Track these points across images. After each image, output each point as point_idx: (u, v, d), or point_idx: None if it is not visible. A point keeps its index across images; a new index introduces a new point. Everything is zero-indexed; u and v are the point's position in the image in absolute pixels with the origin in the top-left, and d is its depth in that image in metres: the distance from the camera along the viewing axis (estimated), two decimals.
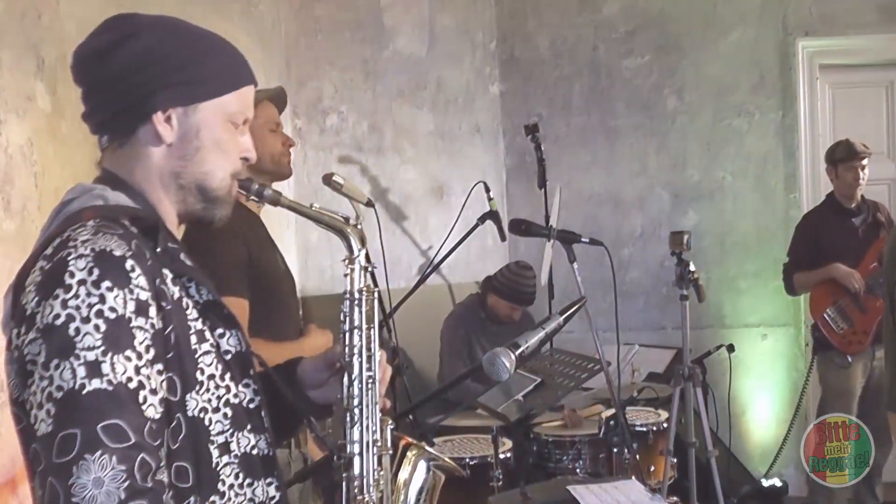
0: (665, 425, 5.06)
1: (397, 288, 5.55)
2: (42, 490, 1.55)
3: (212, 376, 1.78)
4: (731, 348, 6.10)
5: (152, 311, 1.65)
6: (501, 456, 4.40)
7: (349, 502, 1.99)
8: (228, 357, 1.84)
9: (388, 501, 2.06)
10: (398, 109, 6.56)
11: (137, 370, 1.60)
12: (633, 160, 7.10)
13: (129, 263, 1.63)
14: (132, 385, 1.58)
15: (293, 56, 6.19)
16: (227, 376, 1.81)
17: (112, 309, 1.59)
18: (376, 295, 2.09)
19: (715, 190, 7.00)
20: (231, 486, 1.79)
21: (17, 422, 1.67)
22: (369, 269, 2.09)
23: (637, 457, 4.63)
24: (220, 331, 1.84)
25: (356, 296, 2.05)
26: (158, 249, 1.76)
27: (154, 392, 1.63)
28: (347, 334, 2.04)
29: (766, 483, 6.40)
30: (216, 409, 1.77)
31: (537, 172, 6.30)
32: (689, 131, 7.01)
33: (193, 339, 1.75)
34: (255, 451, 1.84)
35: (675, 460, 4.97)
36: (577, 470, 4.87)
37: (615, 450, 4.68)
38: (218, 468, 1.76)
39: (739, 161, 6.97)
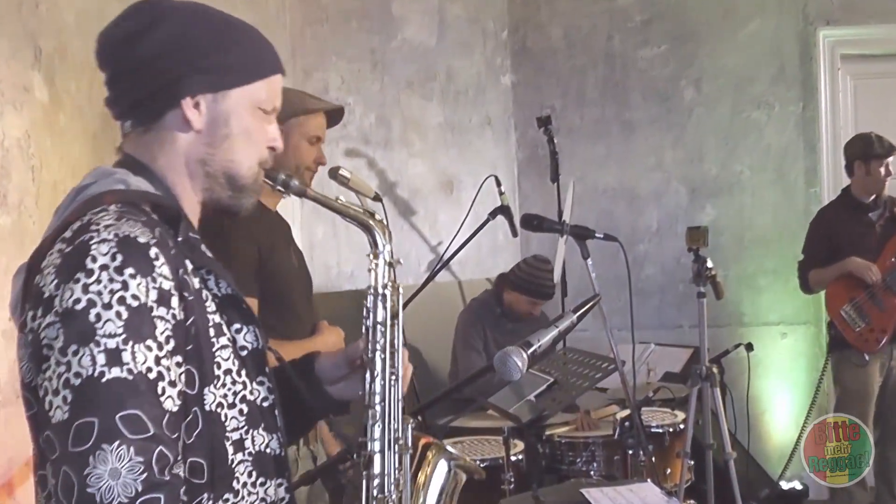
0: (682, 427, 5.05)
1: (406, 285, 5.48)
2: (55, 479, 1.53)
3: (228, 371, 1.78)
4: (749, 347, 6.07)
5: (174, 301, 1.65)
6: (513, 458, 4.39)
7: (369, 501, 1.99)
8: (244, 353, 1.84)
9: (408, 501, 2.06)
10: (406, 101, 6.55)
11: (157, 360, 1.60)
12: (648, 153, 7.08)
13: (153, 251, 1.63)
14: (152, 375, 1.58)
15: (299, 46, 6.18)
16: (244, 373, 1.82)
17: (135, 297, 1.58)
18: (401, 291, 2.11)
19: (733, 184, 6.99)
20: (245, 485, 1.79)
21: (28, 407, 1.67)
22: (394, 264, 2.10)
23: (653, 459, 4.61)
24: (237, 326, 1.84)
25: (380, 291, 2.07)
26: (180, 238, 1.76)
27: (173, 384, 1.63)
28: (371, 330, 2.05)
29: (785, 486, 6.38)
30: (232, 405, 1.78)
31: (550, 166, 6.29)
32: (707, 124, 7.00)
33: (212, 332, 1.76)
34: (268, 450, 1.84)
35: (692, 462, 4.95)
36: (591, 472, 4.85)
37: (630, 452, 4.66)
38: (233, 465, 1.77)
39: (758, 154, 6.95)
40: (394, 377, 2.03)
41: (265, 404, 1.86)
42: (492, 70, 7.05)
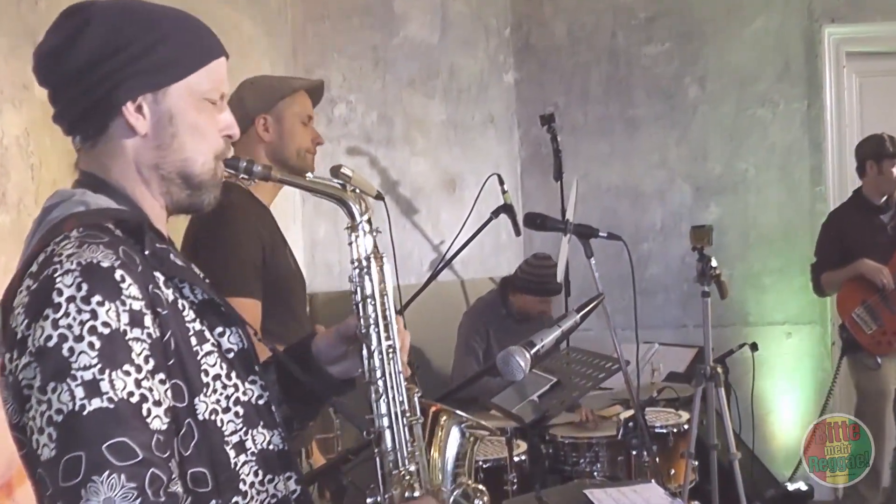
0: (686, 427, 5.05)
1: (408, 284, 5.53)
2: None
3: (217, 376, 1.77)
4: (754, 347, 6.06)
5: (147, 320, 1.63)
6: (516, 458, 4.40)
7: (385, 478, 1.97)
8: (231, 355, 1.83)
9: (425, 471, 2.04)
10: (409, 99, 6.54)
11: (138, 383, 1.58)
12: (652, 151, 7.08)
13: (118, 274, 1.61)
14: (134, 399, 1.57)
15: (300, 43, 6.17)
16: (233, 375, 1.81)
17: (105, 324, 1.57)
18: (384, 260, 2.06)
19: (738, 182, 6.98)
20: (252, 485, 1.79)
21: (20, 447, 1.66)
22: (374, 234, 2.05)
23: (657, 459, 4.60)
24: (219, 329, 1.83)
25: (363, 263, 2.02)
26: (147, 252, 1.73)
27: (158, 403, 1.61)
28: (360, 305, 2.01)
29: (791, 487, 6.38)
30: (227, 409, 1.77)
31: (553, 164, 6.29)
32: (712, 122, 7.00)
33: (193, 340, 1.74)
34: (270, 447, 1.84)
35: (697, 463, 4.95)
36: (595, 473, 4.86)
37: (634, 452, 4.65)
38: (237, 468, 1.76)
39: (763, 153, 6.94)
40: (391, 349, 1.99)
41: (260, 402, 1.86)
42: (495, 67, 7.05)
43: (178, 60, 1.80)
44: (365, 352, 1.99)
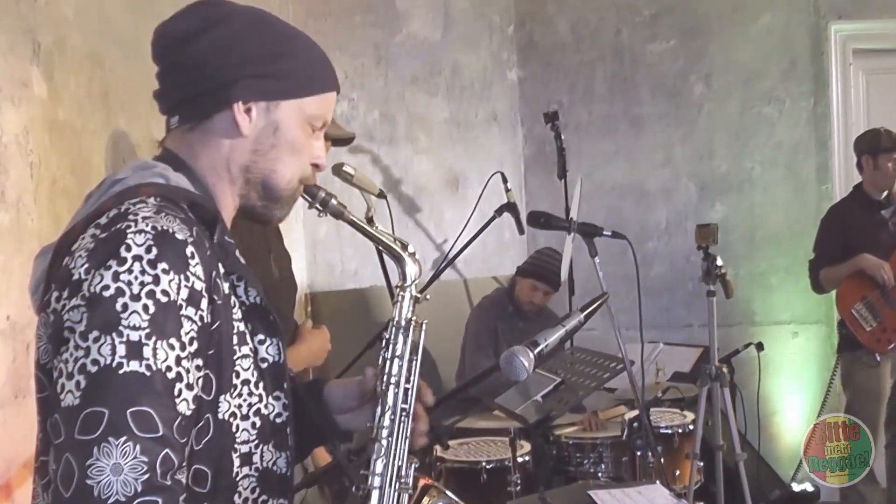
0: (691, 427, 5.05)
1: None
2: (56, 465, 1.52)
3: (246, 381, 1.77)
4: (760, 347, 6.04)
5: (204, 303, 1.64)
6: (520, 459, 4.39)
7: None
8: (265, 366, 1.83)
9: None
10: (411, 97, 6.54)
11: (178, 361, 1.59)
12: (657, 150, 7.08)
13: (189, 249, 1.63)
14: (171, 375, 1.57)
15: None
16: (261, 385, 1.81)
17: (164, 292, 1.57)
18: (423, 328, 2.08)
19: (743, 181, 6.98)
20: (245, 500, 1.78)
21: (40, 389, 1.67)
22: (421, 300, 2.09)
23: (661, 460, 4.60)
24: (260, 337, 1.83)
25: (402, 324, 2.05)
26: (215, 240, 1.76)
27: (190, 387, 1.61)
28: (388, 363, 2.02)
29: (796, 488, 6.37)
30: (245, 417, 1.77)
31: (557, 163, 6.28)
32: (717, 119, 6.99)
33: (235, 339, 1.75)
34: (274, 468, 1.83)
35: (702, 464, 4.95)
36: (599, 474, 4.85)
37: (639, 453, 4.65)
38: (237, 478, 1.75)
39: (769, 151, 6.94)
40: (404, 414, 2.00)
41: (278, 420, 1.85)
42: (498, 65, 7.04)
43: (299, 81, 1.86)
44: (378, 409, 2.00)
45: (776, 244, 6.91)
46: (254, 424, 1.78)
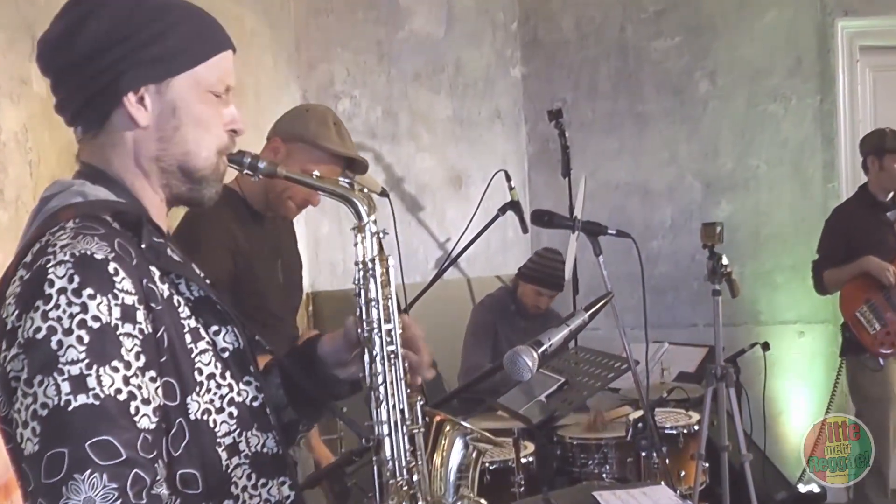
0: (696, 428, 5.03)
1: (413, 283, 5.51)
2: None
3: (212, 375, 1.76)
4: (766, 346, 6.05)
5: (140, 315, 1.62)
6: (523, 460, 4.38)
7: (382, 487, 1.96)
8: (226, 355, 1.81)
9: (426, 482, 2.02)
10: (414, 94, 6.54)
11: (126, 380, 1.57)
12: (662, 147, 7.07)
13: (111, 267, 1.61)
14: (122, 397, 1.56)
15: (303, 37, 6.16)
16: (228, 374, 1.79)
17: (95, 318, 1.56)
18: (390, 262, 2.04)
19: (749, 179, 6.97)
20: (244, 489, 1.77)
21: (7, 440, 1.65)
22: (381, 235, 2.03)
23: (667, 461, 4.59)
24: (214, 328, 1.81)
25: (369, 265, 2.00)
26: (143, 245, 1.73)
27: (147, 402, 1.60)
28: (364, 308, 1.99)
29: (803, 489, 6.36)
30: (220, 410, 1.76)
31: (561, 160, 6.28)
32: (722, 117, 6.99)
33: (188, 338, 1.73)
34: (265, 450, 1.82)
35: (707, 465, 4.93)
36: (604, 475, 4.84)
37: (643, 454, 4.64)
38: (228, 470, 1.75)
39: (775, 149, 6.93)
40: (393, 356, 1.97)
41: (255, 404, 1.84)
42: (501, 62, 7.04)
43: (182, 52, 1.79)
44: (367, 356, 1.98)
45: (782, 242, 6.90)
46: (231, 414, 1.77)
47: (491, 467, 4.48)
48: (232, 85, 1.88)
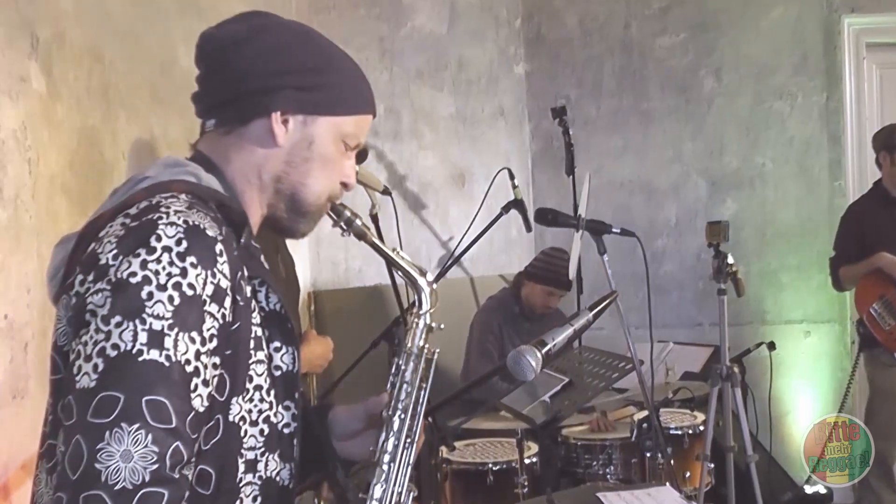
0: (701, 428, 5.03)
1: None
2: (65, 446, 1.53)
3: (259, 387, 1.78)
4: (771, 346, 6.05)
5: (227, 301, 1.66)
6: (527, 461, 4.38)
7: None
8: (278, 374, 1.84)
9: None
10: (417, 91, 6.53)
11: (198, 355, 1.60)
12: (667, 146, 7.07)
13: (218, 247, 1.65)
14: (189, 368, 1.58)
15: None
16: (272, 393, 1.82)
17: (191, 286, 1.59)
18: (434, 358, 2.10)
19: (755, 177, 6.96)
20: None
21: (54, 370, 1.68)
22: (434, 329, 2.10)
23: (671, 462, 4.60)
24: (276, 344, 1.84)
25: (414, 352, 2.07)
26: (242, 243, 1.78)
27: (206, 383, 1.63)
28: (396, 388, 2.03)
29: (809, 490, 6.35)
30: (254, 423, 1.77)
31: (565, 158, 6.28)
32: (728, 115, 6.98)
33: (252, 343, 1.75)
34: (277, 479, 1.83)
35: (712, 466, 4.94)
36: (608, 476, 4.84)
37: (648, 454, 4.64)
38: (240, 484, 1.75)
39: (781, 146, 6.92)
40: (409, 441, 2.00)
41: (286, 430, 1.86)
42: (505, 59, 7.04)
43: (339, 98, 1.90)
44: (383, 434, 2.00)
45: (788, 241, 6.89)
46: (262, 431, 1.78)
47: (494, 468, 4.49)
48: (361, 143, 2.00)
